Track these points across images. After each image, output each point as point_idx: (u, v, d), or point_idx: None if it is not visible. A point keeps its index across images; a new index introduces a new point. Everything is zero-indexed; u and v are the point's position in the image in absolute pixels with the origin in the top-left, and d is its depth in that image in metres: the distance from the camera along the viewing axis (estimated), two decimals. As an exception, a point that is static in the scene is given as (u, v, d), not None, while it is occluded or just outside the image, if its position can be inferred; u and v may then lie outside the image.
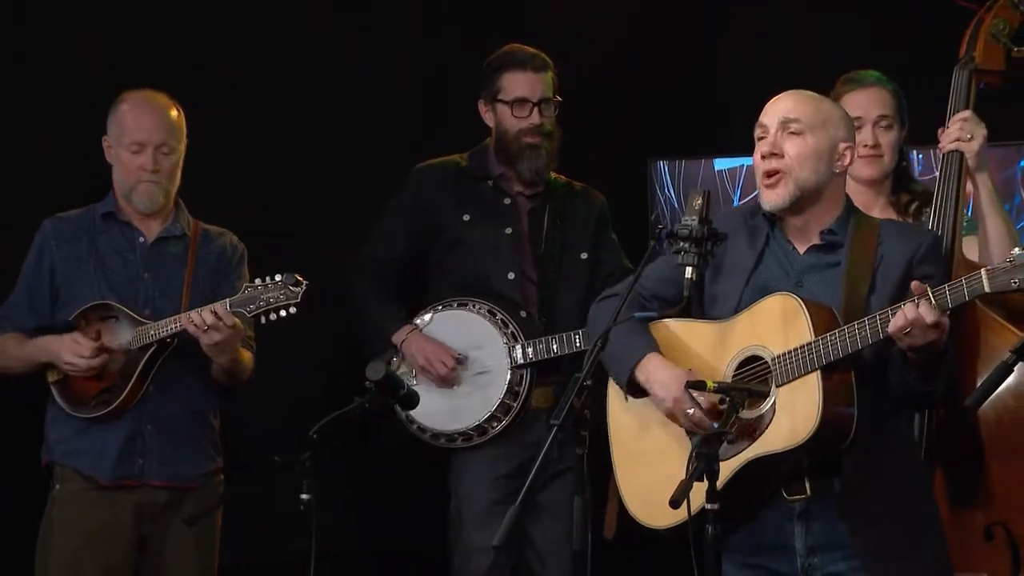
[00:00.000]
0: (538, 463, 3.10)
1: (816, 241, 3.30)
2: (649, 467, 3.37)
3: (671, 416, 3.31)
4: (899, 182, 3.88)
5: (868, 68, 3.89)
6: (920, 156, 4.69)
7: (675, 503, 3.10)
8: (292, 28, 4.96)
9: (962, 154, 3.63)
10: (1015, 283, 2.92)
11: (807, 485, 3.21)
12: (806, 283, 3.26)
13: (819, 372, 3.13)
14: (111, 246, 4.12)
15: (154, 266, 4.11)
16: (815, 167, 3.27)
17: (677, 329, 3.38)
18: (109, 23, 4.76)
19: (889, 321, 3.07)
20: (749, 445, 3.21)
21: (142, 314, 4.05)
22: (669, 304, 3.39)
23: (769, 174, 3.30)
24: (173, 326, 3.97)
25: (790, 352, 3.18)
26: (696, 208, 3.33)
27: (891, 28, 4.24)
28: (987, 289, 2.94)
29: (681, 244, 3.31)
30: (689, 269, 3.31)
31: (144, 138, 4.06)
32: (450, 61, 4.98)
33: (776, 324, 3.22)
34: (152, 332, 3.99)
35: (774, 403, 3.19)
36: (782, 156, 3.28)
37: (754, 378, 3.23)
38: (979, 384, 2.70)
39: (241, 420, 4.52)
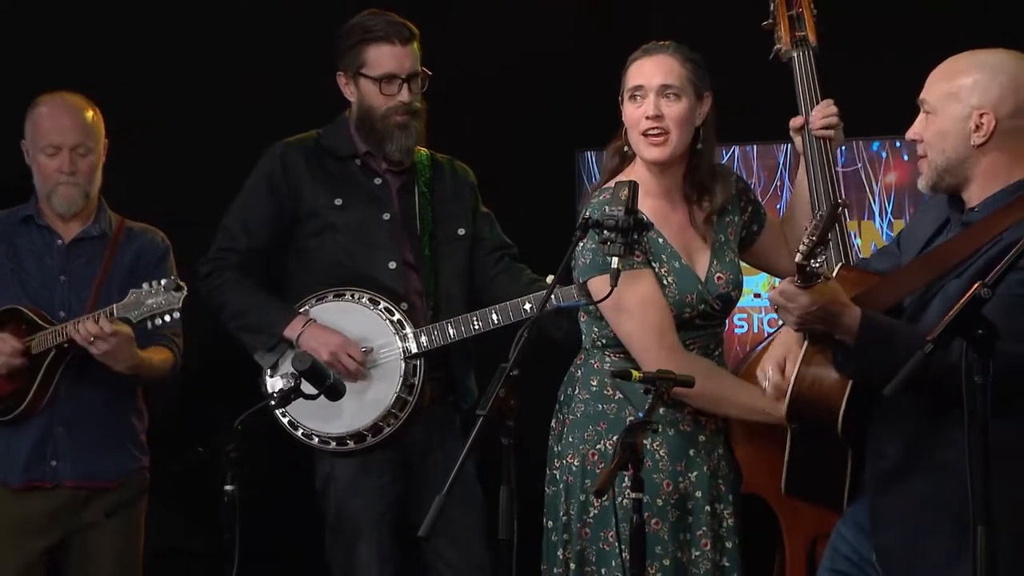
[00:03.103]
0: (464, 453, 3.09)
1: None
2: None
3: None
4: (693, 172, 3.64)
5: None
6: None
7: (599, 493, 3.13)
8: (262, 20, 4.93)
9: (829, 140, 3.67)
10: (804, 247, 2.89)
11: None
12: None
13: (807, 343, 3.12)
14: (29, 249, 4.09)
15: (70, 268, 4.09)
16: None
17: None
18: (70, 21, 4.74)
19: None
20: None
21: (57, 317, 4.02)
22: None
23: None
24: (66, 333, 3.92)
25: None
26: (622, 199, 3.35)
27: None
28: (797, 260, 2.91)
29: (607, 234, 3.33)
30: (615, 259, 3.33)
31: (59, 140, 4.03)
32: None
33: None
34: (49, 338, 3.96)
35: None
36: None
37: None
38: (900, 373, 2.71)
39: (168, 412, 4.51)
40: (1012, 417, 2.87)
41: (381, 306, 4.04)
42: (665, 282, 3.57)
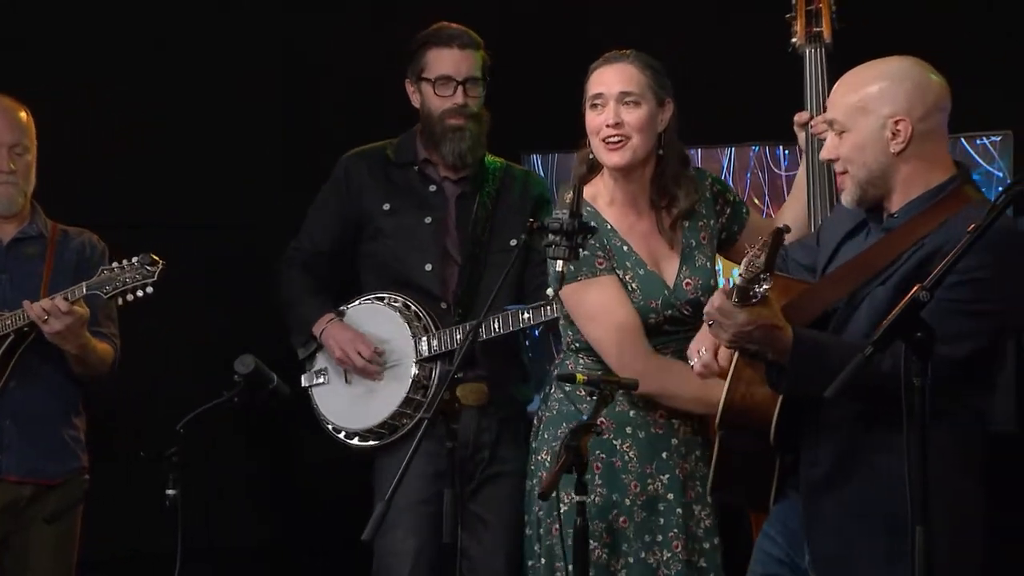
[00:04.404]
0: (408, 457, 3.09)
1: None
2: None
3: None
4: (658, 178, 3.65)
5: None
6: (786, 152, 4.76)
7: (543, 495, 3.14)
8: (218, 19, 4.90)
9: None
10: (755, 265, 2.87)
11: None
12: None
13: (737, 354, 3.11)
14: None
15: (11, 267, 4.10)
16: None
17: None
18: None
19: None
20: None
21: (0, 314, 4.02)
22: None
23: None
24: (25, 315, 3.95)
25: None
26: (567, 202, 3.37)
27: (756, 30, 4.31)
28: (738, 282, 2.89)
29: (552, 237, 3.34)
30: (560, 262, 3.34)
31: None
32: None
33: None
34: (7, 323, 3.97)
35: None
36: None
37: None
38: (840, 375, 2.73)
39: (115, 414, 4.49)
40: (944, 419, 2.89)
41: (411, 310, 4.16)
42: (630, 288, 3.59)
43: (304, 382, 4.24)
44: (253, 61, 4.98)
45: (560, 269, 3.34)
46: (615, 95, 3.59)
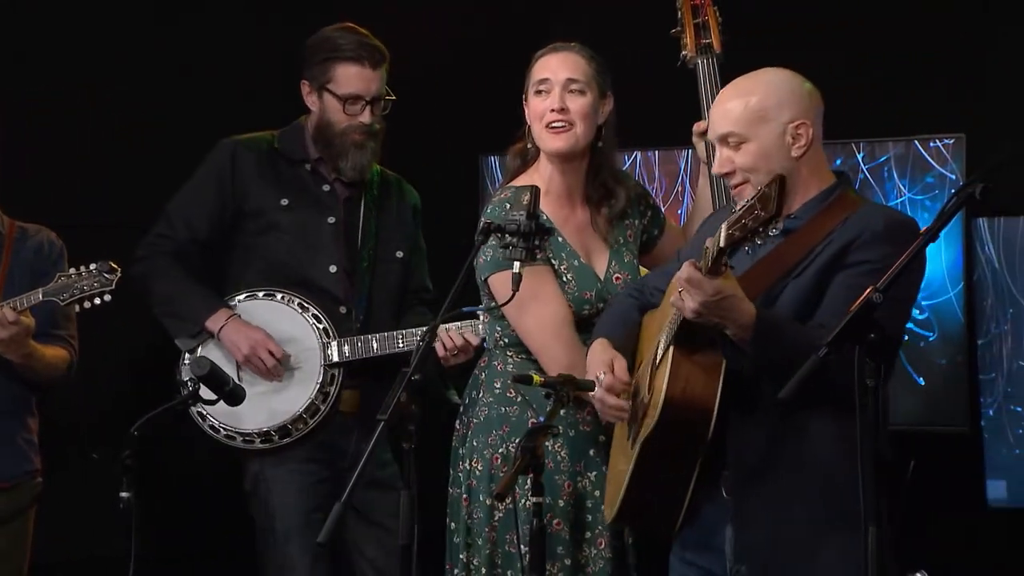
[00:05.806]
0: (364, 458, 3.09)
1: None
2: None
3: None
4: (596, 172, 3.68)
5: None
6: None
7: (500, 497, 3.14)
8: (218, 19, 4.90)
9: None
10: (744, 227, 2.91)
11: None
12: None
13: (673, 348, 3.12)
14: None
15: None
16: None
17: (656, 313, 3.36)
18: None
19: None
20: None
21: None
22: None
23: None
24: None
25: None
26: (524, 203, 3.38)
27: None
28: (721, 244, 2.92)
29: (509, 239, 3.35)
30: (517, 264, 3.35)
31: None
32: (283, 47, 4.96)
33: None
34: None
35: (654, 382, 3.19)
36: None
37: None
38: (794, 377, 2.74)
39: (64, 417, 4.46)
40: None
41: (310, 312, 4.08)
42: (564, 279, 3.60)
43: (184, 375, 4.05)
44: (253, 61, 4.95)
45: (517, 271, 3.34)
46: (561, 81, 3.62)
